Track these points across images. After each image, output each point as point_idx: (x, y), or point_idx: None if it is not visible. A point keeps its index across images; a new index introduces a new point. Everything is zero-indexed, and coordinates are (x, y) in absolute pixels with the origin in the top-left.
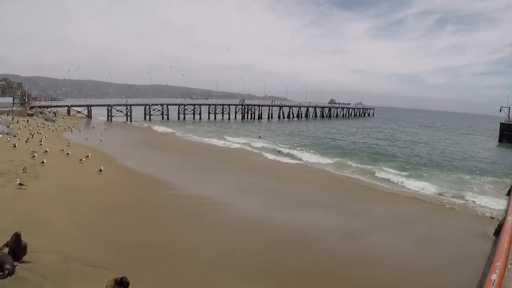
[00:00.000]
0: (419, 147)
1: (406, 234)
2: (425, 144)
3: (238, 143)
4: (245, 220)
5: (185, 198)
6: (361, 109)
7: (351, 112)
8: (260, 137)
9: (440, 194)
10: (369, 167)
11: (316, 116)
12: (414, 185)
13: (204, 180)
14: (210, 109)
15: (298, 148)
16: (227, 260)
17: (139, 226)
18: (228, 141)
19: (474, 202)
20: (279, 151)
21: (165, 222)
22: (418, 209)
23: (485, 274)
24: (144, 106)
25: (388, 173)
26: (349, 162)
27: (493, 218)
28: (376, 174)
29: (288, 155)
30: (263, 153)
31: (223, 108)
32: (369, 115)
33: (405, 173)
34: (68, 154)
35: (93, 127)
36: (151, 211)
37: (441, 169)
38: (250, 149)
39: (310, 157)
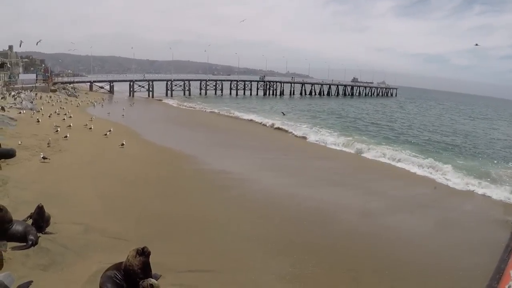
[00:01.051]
0: (444, 129)
1: (424, 216)
2: (451, 127)
3: (260, 119)
4: (266, 196)
5: (207, 172)
6: (384, 89)
7: (374, 91)
8: (284, 113)
9: (462, 178)
10: (390, 148)
11: (338, 94)
12: (436, 168)
13: (226, 155)
14: (232, 85)
15: (319, 126)
16: (247, 234)
17: (160, 199)
18: (250, 117)
19: (496, 189)
20: (300, 129)
21: (186, 196)
22: (438, 192)
23: (504, 261)
24: (166, 82)
25: (409, 156)
26: (370, 142)
27: None
28: (398, 156)
29: (310, 132)
30: (285, 130)
31: (244, 84)
32: (391, 95)
33: (427, 156)
34: (90, 128)
35: (116, 102)
36: (172, 185)
37: (466, 153)
38: (272, 125)
39: (331, 136)
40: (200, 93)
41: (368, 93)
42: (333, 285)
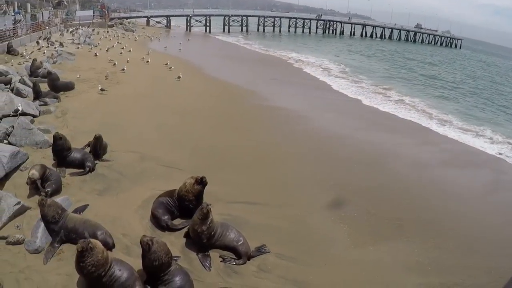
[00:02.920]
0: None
1: (476, 175)
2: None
3: (314, 60)
4: (320, 135)
5: (264, 108)
6: (448, 38)
7: (437, 40)
8: (337, 55)
9: None
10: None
11: (400, 39)
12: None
13: (283, 92)
14: (291, 23)
15: (374, 72)
16: (297, 171)
17: (215, 131)
18: (307, 57)
19: None
20: (350, 74)
21: (241, 130)
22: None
23: None
24: (223, 17)
25: (469, 116)
26: (427, 95)
27: None
28: (460, 113)
29: (361, 80)
30: (336, 74)
31: (303, 22)
32: (456, 46)
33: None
34: (147, 62)
35: (173, 37)
36: (229, 118)
37: None
38: (325, 67)
39: (388, 83)
40: (258, 30)
41: (431, 41)
42: (376, 230)
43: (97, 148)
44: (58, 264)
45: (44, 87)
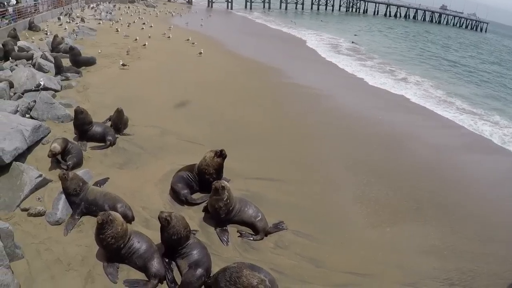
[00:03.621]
0: None
1: (497, 162)
2: None
3: (333, 39)
4: (342, 114)
5: (283, 85)
6: (474, 21)
7: (462, 23)
8: (356, 34)
9: None
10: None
11: (424, 19)
12: None
13: (303, 70)
14: (313, 0)
15: (390, 54)
16: (318, 148)
17: (236, 107)
18: (328, 36)
19: None
20: (366, 55)
21: (263, 106)
22: None
23: None
24: None
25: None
26: (450, 80)
27: None
28: (483, 99)
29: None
30: (352, 54)
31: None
32: (481, 30)
33: None
34: (169, 37)
35: (195, 12)
36: (250, 94)
37: None
38: (343, 46)
39: (408, 66)
40: (280, 7)
41: (456, 23)
42: (395, 211)
43: (118, 122)
44: (78, 236)
45: (66, 62)
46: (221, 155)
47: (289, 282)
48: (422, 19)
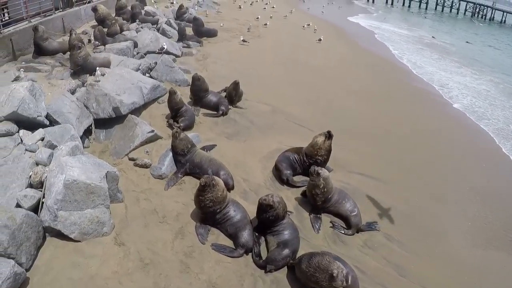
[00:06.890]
0: None
1: None
2: None
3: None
4: (467, 129)
5: (402, 83)
6: None
7: None
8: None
9: None
10: None
11: None
12: None
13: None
14: (438, 1)
15: None
16: (428, 156)
17: (352, 97)
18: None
19: None
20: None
21: (375, 99)
22: None
23: None
24: None
25: None
26: None
27: None
28: None
29: None
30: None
31: (452, 1)
32: None
33: None
34: (289, 20)
35: None
36: (364, 86)
37: None
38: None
39: None
40: (403, 4)
41: None
42: (491, 237)
43: (233, 94)
44: (177, 193)
45: (188, 31)
46: (330, 136)
47: (368, 283)
48: None
